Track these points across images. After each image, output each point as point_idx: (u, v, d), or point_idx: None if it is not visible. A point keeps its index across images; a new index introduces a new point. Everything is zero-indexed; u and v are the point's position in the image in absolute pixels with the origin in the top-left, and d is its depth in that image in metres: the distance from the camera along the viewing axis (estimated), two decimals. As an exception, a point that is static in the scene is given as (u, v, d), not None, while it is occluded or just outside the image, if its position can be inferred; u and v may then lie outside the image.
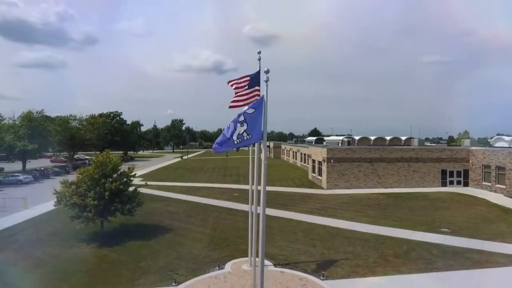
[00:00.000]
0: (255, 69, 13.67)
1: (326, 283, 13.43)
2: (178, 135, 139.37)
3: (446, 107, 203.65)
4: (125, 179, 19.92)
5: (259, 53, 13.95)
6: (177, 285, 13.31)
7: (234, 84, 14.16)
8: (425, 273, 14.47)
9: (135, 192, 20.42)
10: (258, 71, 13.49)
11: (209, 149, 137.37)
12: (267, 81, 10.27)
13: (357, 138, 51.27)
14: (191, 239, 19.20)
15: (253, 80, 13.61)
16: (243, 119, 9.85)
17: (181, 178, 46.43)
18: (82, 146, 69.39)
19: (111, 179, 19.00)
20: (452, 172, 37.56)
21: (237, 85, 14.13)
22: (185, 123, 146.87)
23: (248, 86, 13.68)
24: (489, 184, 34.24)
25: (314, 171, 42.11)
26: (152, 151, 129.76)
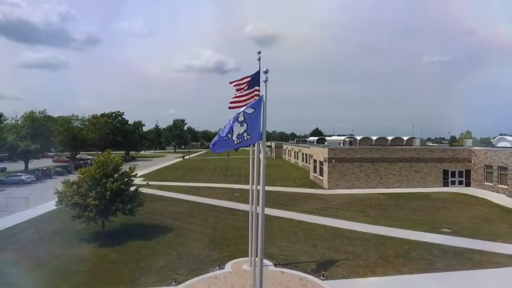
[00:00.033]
0: (257, 69, 13.72)
1: (326, 283, 13.42)
2: (180, 135, 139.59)
3: (446, 107, 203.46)
4: (126, 179, 19.98)
5: (259, 53, 14.02)
6: (177, 285, 13.34)
7: (235, 85, 14.25)
8: (426, 274, 14.44)
9: (136, 192, 20.47)
10: (257, 71, 13.53)
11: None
12: (266, 81, 10.30)
13: (359, 138, 51.09)
14: (191, 239, 19.24)
15: (253, 80, 13.66)
16: (242, 119, 9.86)
17: (183, 178, 46.47)
18: (84, 146, 69.64)
19: (112, 179, 19.07)
20: (454, 172, 37.45)
21: (238, 86, 14.23)
22: (187, 123, 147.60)
23: (247, 86, 13.73)
24: (491, 184, 34.11)
25: (315, 171, 42.09)
26: (154, 151, 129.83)
